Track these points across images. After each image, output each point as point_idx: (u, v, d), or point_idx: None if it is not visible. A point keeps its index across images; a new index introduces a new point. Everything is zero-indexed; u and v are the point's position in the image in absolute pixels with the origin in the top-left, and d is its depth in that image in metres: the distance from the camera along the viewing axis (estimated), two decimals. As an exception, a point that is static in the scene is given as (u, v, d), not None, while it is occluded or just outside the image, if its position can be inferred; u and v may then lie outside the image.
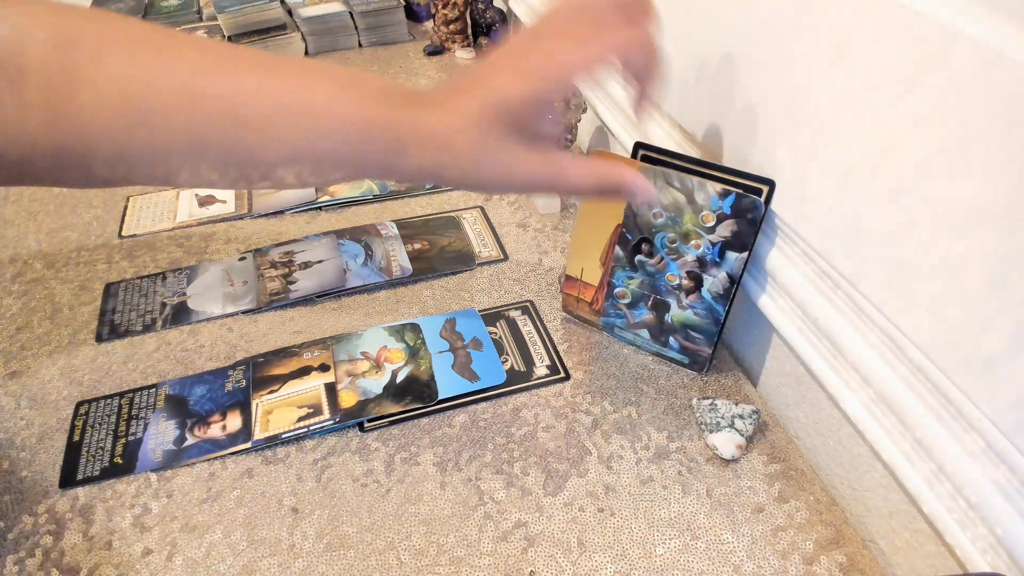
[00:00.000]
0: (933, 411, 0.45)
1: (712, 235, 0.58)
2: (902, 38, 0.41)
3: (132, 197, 0.90)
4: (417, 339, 0.69)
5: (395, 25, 1.30)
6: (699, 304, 0.61)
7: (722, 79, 0.61)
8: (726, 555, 0.51)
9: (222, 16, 1.21)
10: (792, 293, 0.56)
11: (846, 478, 0.57)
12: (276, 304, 0.73)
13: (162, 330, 0.71)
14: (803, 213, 0.54)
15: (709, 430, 0.59)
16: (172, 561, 0.51)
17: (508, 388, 0.64)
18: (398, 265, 0.78)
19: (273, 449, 0.59)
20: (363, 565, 0.51)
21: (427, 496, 0.56)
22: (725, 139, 0.63)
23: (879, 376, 0.49)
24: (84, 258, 0.80)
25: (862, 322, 0.51)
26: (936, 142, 0.41)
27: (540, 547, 0.52)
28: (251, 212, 0.87)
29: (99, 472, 0.57)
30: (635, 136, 0.81)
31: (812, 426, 0.60)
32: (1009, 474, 0.40)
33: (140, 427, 0.61)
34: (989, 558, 0.42)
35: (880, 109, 0.44)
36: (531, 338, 0.69)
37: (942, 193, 0.41)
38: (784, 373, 0.63)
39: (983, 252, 0.39)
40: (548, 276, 0.77)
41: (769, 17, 0.53)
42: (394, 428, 0.61)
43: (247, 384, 0.64)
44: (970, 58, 0.37)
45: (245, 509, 0.55)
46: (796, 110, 0.52)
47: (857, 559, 0.51)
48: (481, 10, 1.24)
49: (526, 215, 0.87)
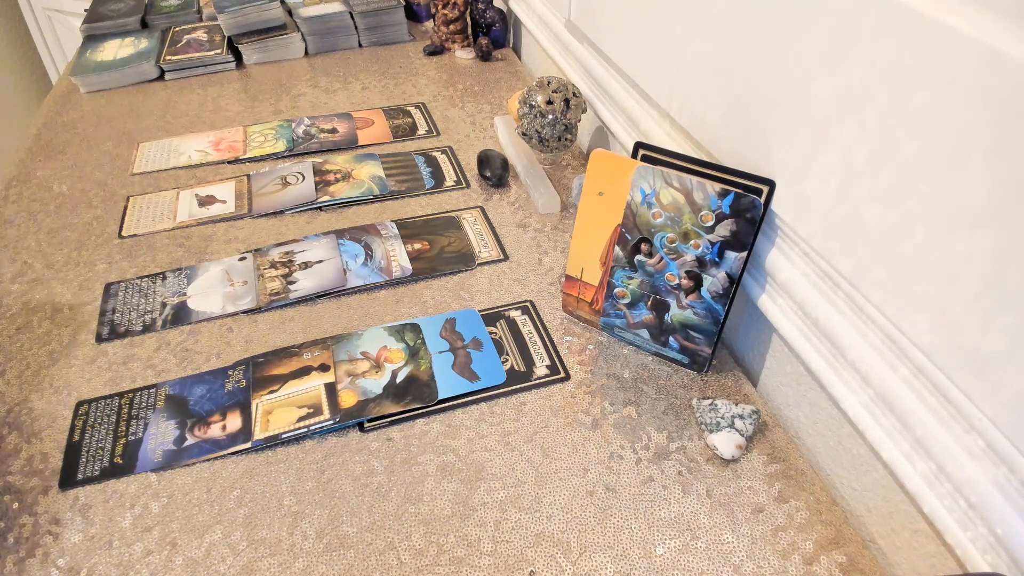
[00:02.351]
0: (933, 411, 0.45)
1: (711, 235, 0.58)
2: (902, 38, 0.41)
3: (132, 197, 0.90)
4: (417, 339, 0.69)
5: (395, 25, 1.30)
6: (699, 304, 0.61)
7: (723, 80, 0.61)
8: (726, 555, 0.51)
9: (222, 16, 1.21)
10: (792, 293, 0.56)
11: (846, 478, 0.57)
12: (276, 304, 0.73)
13: (162, 330, 0.71)
14: (803, 213, 0.54)
15: (709, 430, 0.59)
16: (172, 561, 0.51)
17: (508, 388, 0.64)
18: (398, 265, 0.78)
19: (273, 449, 0.59)
20: (363, 565, 0.51)
21: (427, 496, 0.56)
22: (725, 139, 0.63)
23: (879, 376, 0.49)
24: (84, 258, 0.80)
25: (862, 322, 0.51)
26: (936, 142, 0.41)
27: (540, 547, 0.52)
28: (251, 212, 0.87)
29: (99, 472, 0.57)
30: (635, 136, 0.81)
31: (812, 426, 0.60)
32: (1009, 474, 0.40)
33: (140, 427, 0.61)
34: (989, 558, 0.42)
35: (880, 109, 0.44)
36: (531, 338, 0.69)
37: (942, 193, 0.41)
38: (784, 373, 0.63)
39: (983, 252, 0.39)
40: (548, 276, 0.77)
41: (769, 17, 0.53)
42: (394, 428, 0.61)
43: (247, 384, 0.64)
44: (970, 58, 0.37)
45: (245, 509, 0.55)
46: (796, 110, 0.52)
47: (857, 559, 0.51)
48: (481, 10, 1.24)
49: (526, 215, 0.87)
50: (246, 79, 1.19)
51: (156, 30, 1.30)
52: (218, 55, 1.21)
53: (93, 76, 1.15)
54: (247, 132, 1.03)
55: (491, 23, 1.25)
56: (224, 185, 0.92)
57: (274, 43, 1.23)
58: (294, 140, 1.01)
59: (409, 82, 1.18)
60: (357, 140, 1.01)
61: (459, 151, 0.99)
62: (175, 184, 0.93)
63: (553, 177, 0.93)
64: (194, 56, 1.20)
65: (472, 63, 1.24)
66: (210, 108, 1.10)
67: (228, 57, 1.21)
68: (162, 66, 1.18)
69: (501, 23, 1.26)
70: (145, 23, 1.32)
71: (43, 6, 2.11)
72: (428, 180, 0.93)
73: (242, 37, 1.23)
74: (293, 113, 1.08)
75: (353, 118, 1.07)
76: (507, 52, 1.28)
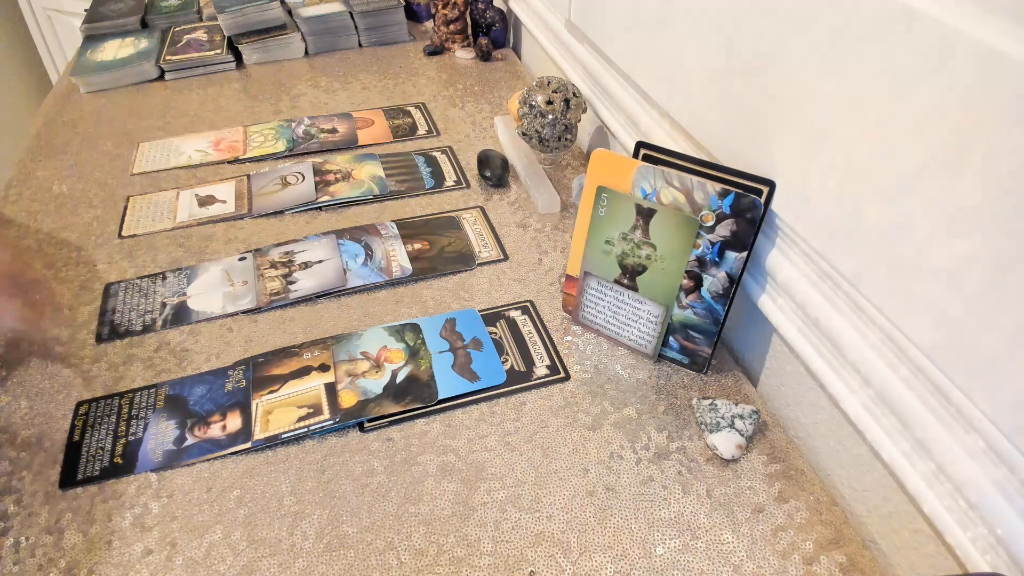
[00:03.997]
0: (933, 411, 0.45)
1: (711, 235, 0.58)
2: (902, 39, 0.41)
3: (132, 197, 0.90)
4: (417, 339, 0.69)
5: (395, 25, 1.30)
6: (699, 304, 0.61)
7: (723, 80, 0.61)
8: (726, 555, 0.51)
9: (222, 16, 1.21)
10: (792, 293, 0.56)
11: (846, 478, 0.57)
12: (276, 304, 0.73)
13: (162, 330, 0.71)
14: (803, 213, 0.54)
15: (709, 430, 0.59)
16: (172, 561, 0.51)
17: (508, 388, 0.64)
18: (398, 265, 0.78)
19: (273, 449, 0.59)
20: (363, 565, 0.51)
21: (427, 496, 0.56)
22: (726, 139, 0.63)
23: (879, 376, 0.49)
24: (84, 258, 0.80)
25: (862, 322, 0.51)
26: (936, 142, 0.41)
27: (540, 547, 0.52)
28: (251, 212, 0.87)
29: (99, 472, 0.57)
30: (635, 136, 0.81)
31: (812, 426, 0.60)
32: (1009, 474, 0.40)
33: (140, 427, 0.61)
34: (989, 558, 0.42)
35: (880, 109, 0.44)
36: (531, 338, 0.69)
37: (942, 193, 0.41)
38: (784, 373, 0.63)
39: (983, 252, 0.39)
40: (548, 276, 0.77)
41: (770, 17, 0.53)
42: (394, 428, 0.61)
43: (247, 384, 0.64)
44: (970, 58, 0.37)
45: (245, 509, 0.55)
46: (797, 110, 0.52)
47: (857, 559, 0.51)
48: (481, 10, 1.24)
49: (526, 215, 0.87)
50: (246, 79, 1.19)
51: (156, 30, 1.30)
52: (218, 55, 1.21)
53: (93, 76, 1.15)
54: (247, 132, 1.03)
55: (491, 23, 1.25)
56: (224, 185, 0.92)
57: (274, 43, 1.23)
58: (294, 140, 1.01)
59: (409, 82, 1.18)
60: (357, 140, 1.01)
61: (459, 151, 0.99)
62: (175, 184, 0.93)
63: (553, 177, 0.93)
64: (194, 56, 1.20)
65: (472, 63, 1.24)
66: (210, 108, 1.10)
67: (228, 57, 1.21)
68: (162, 66, 1.18)
69: (501, 23, 1.26)
70: (145, 23, 1.32)
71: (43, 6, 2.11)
72: (428, 180, 0.93)
73: (242, 37, 1.23)
74: (293, 113, 1.08)
75: (353, 118, 1.07)
76: (507, 52, 1.28)
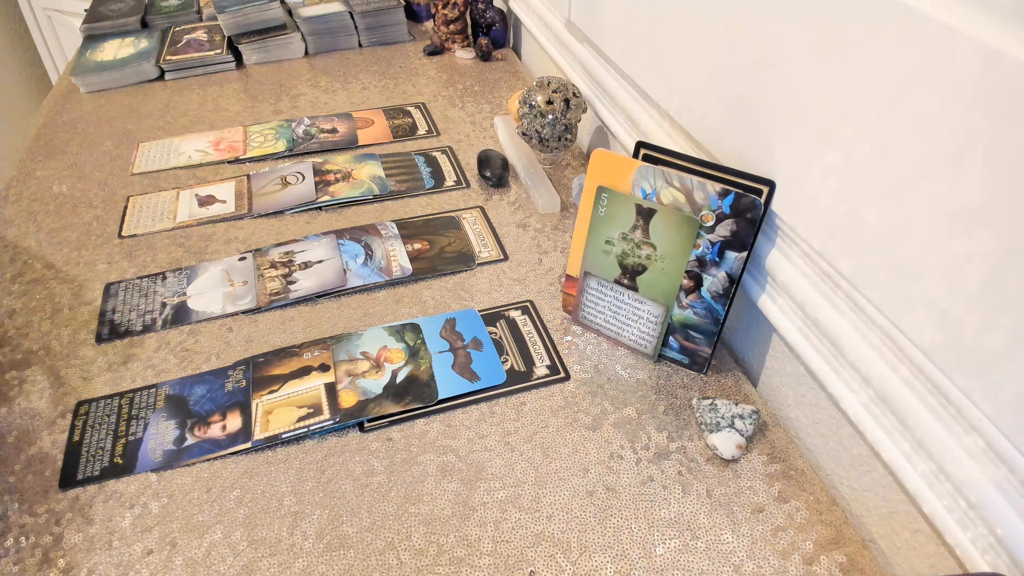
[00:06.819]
0: (933, 411, 0.45)
1: (712, 234, 0.58)
2: (902, 38, 0.41)
3: (132, 197, 0.90)
4: (417, 339, 0.69)
5: (395, 25, 1.30)
6: (699, 304, 0.61)
7: (723, 79, 0.61)
8: (726, 555, 0.51)
9: (222, 16, 1.21)
10: (792, 293, 0.56)
11: (846, 478, 0.57)
12: (276, 304, 0.73)
13: (162, 330, 0.71)
14: (803, 213, 0.54)
15: (709, 430, 0.59)
16: (172, 561, 0.51)
17: (508, 388, 0.64)
18: (398, 265, 0.78)
19: (273, 449, 0.59)
20: (363, 565, 0.51)
21: (427, 496, 0.56)
22: (726, 139, 0.63)
23: (879, 376, 0.49)
24: (84, 258, 0.80)
25: (862, 322, 0.51)
26: (936, 142, 0.41)
27: (540, 547, 0.52)
28: (251, 212, 0.87)
29: (99, 472, 0.57)
30: (635, 136, 0.81)
31: (812, 426, 0.60)
32: (1009, 474, 0.40)
33: (140, 427, 0.61)
34: (989, 558, 0.42)
35: (880, 109, 0.44)
36: (531, 338, 0.69)
37: (942, 193, 0.41)
38: (784, 373, 0.63)
39: (982, 252, 0.39)
40: (548, 276, 0.77)
41: (770, 17, 0.53)
42: (394, 428, 0.61)
43: (247, 384, 0.64)
44: (970, 58, 0.37)
45: (245, 509, 0.55)
46: (796, 110, 0.52)
47: (857, 559, 0.51)
48: (481, 10, 1.24)
49: (526, 215, 0.87)
50: (246, 79, 1.19)
51: (156, 30, 1.30)
52: (218, 55, 1.21)
53: (93, 76, 1.15)
54: (247, 132, 1.03)
55: (491, 23, 1.25)
56: (224, 185, 0.92)
57: (274, 43, 1.23)
58: (294, 140, 1.01)
59: (409, 82, 1.18)
60: (357, 140, 1.01)
61: (459, 151, 0.99)
62: (175, 184, 0.93)
63: (553, 177, 0.93)
64: (194, 56, 1.20)
65: (472, 63, 1.24)
66: (210, 108, 1.10)
67: (228, 57, 1.21)
68: (162, 66, 1.18)
69: (501, 23, 1.26)
70: (145, 23, 1.32)
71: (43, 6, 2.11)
72: (428, 180, 0.93)
73: (242, 37, 1.23)
74: (293, 113, 1.09)
75: (353, 118, 1.07)
76: (507, 52, 1.28)
